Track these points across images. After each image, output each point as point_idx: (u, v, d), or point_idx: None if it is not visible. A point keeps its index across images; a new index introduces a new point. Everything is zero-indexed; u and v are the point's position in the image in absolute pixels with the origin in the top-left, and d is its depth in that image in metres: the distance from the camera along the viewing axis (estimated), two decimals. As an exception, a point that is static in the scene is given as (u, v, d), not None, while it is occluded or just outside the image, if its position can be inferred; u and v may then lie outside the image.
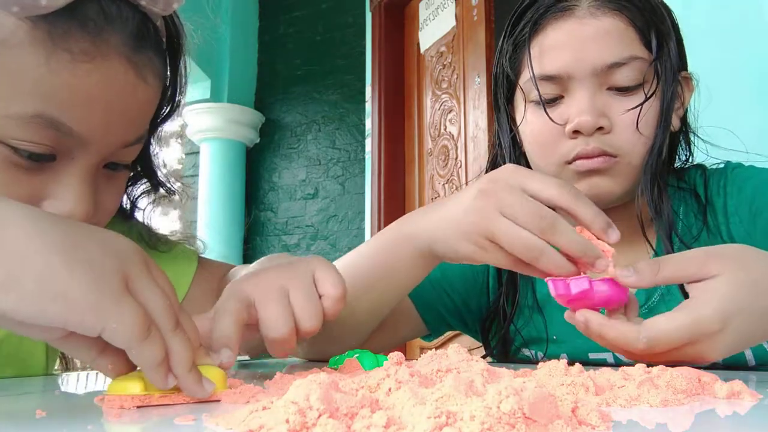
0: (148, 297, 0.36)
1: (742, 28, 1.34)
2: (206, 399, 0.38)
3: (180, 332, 0.37)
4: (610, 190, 0.68)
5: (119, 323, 0.33)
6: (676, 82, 0.70)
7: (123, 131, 0.52)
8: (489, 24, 2.41)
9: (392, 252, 0.64)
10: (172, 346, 0.37)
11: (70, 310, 0.32)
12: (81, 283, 0.33)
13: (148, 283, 0.37)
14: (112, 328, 0.33)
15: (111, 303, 0.33)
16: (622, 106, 0.67)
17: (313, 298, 0.50)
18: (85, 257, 0.34)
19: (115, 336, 0.34)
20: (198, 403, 0.38)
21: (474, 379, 0.30)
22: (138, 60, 0.51)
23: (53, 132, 0.47)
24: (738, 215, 0.70)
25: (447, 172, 2.65)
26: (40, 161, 0.49)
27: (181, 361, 0.37)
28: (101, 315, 0.33)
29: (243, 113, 3.68)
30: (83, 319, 0.33)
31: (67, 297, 0.32)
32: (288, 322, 0.48)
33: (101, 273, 0.34)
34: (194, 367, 0.38)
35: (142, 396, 0.37)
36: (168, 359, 0.36)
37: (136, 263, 0.37)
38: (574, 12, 0.68)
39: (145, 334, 0.34)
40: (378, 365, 0.49)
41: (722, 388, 0.38)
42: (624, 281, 0.48)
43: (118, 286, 0.35)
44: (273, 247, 3.65)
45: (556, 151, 0.69)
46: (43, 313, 0.32)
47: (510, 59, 0.75)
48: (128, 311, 0.34)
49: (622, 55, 0.66)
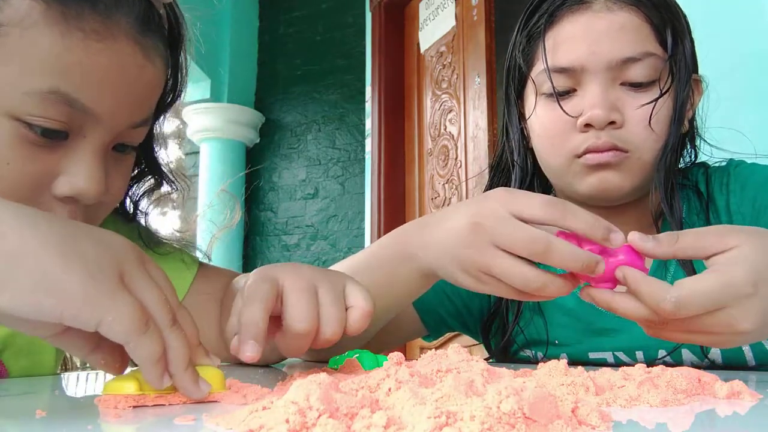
0: (144, 292, 0.36)
1: (742, 29, 1.34)
2: (203, 400, 0.38)
3: (177, 329, 0.37)
4: (620, 185, 0.68)
5: (115, 316, 0.33)
6: (689, 81, 0.70)
7: (132, 110, 0.54)
8: (489, 24, 2.41)
9: (392, 271, 0.62)
10: (169, 342, 0.36)
11: (65, 304, 0.32)
12: (76, 278, 0.33)
13: (144, 279, 0.37)
14: (108, 322, 0.33)
15: (106, 296, 0.34)
16: (634, 102, 0.67)
17: (340, 304, 0.48)
18: (80, 253, 0.34)
19: (112, 329, 0.33)
20: (195, 403, 0.38)
21: (474, 379, 0.30)
22: (145, 43, 0.53)
23: (67, 108, 0.49)
24: (741, 213, 0.70)
25: (447, 172, 2.65)
26: (54, 138, 0.50)
27: (177, 358, 0.36)
28: (97, 308, 0.33)
29: (243, 113, 3.68)
30: (79, 312, 0.33)
31: (62, 291, 0.32)
32: (314, 317, 0.46)
33: (96, 268, 0.34)
34: (191, 366, 0.37)
35: (138, 396, 0.37)
36: (165, 357, 0.36)
37: (132, 259, 0.37)
38: (591, 6, 0.68)
39: (143, 328, 0.34)
40: (378, 365, 0.49)
41: (722, 388, 0.38)
42: (641, 245, 0.47)
43: (114, 280, 0.35)
44: (273, 247, 3.65)
45: (566, 144, 0.69)
46: (39, 308, 0.32)
47: (523, 51, 0.75)
48: (124, 304, 0.34)
49: (637, 50, 0.66)
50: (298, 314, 0.45)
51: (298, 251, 3.56)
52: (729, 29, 1.34)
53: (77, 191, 0.52)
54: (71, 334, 0.36)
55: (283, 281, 0.47)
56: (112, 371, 0.39)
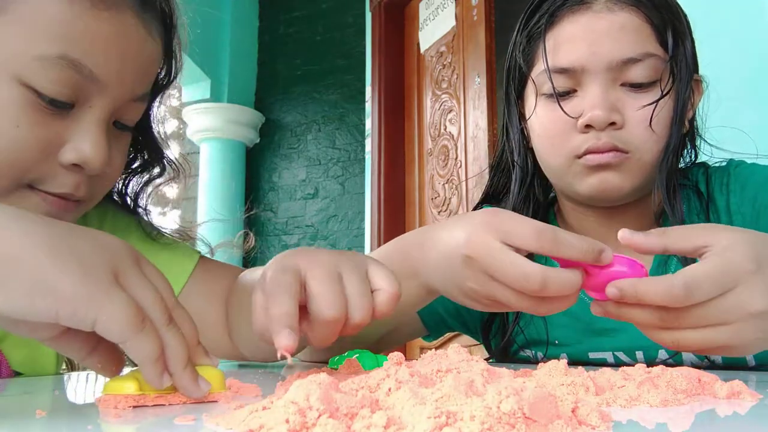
0: (139, 291, 0.36)
1: (742, 29, 1.34)
2: (202, 400, 0.38)
3: (174, 327, 0.37)
4: (619, 186, 0.68)
5: (111, 314, 0.33)
6: (690, 82, 0.70)
7: (134, 81, 0.57)
8: (489, 24, 2.41)
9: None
10: (167, 340, 0.36)
11: (60, 303, 0.32)
12: (70, 278, 0.33)
13: (139, 278, 0.37)
14: (103, 320, 0.33)
15: (101, 295, 0.33)
16: (635, 103, 0.67)
17: (366, 287, 0.46)
18: (74, 253, 0.34)
19: (107, 328, 0.33)
20: (194, 403, 0.38)
21: (474, 379, 0.30)
22: (145, 17, 0.57)
23: (75, 74, 0.52)
24: (741, 213, 0.70)
25: (447, 172, 2.65)
26: (61, 108, 0.53)
27: (175, 356, 0.36)
28: (92, 306, 0.33)
29: (243, 113, 3.68)
30: (75, 311, 0.33)
31: (57, 291, 0.32)
32: (342, 303, 0.44)
33: (90, 267, 0.34)
34: (190, 365, 0.37)
35: (137, 396, 0.36)
36: (164, 357, 0.36)
37: (126, 258, 0.37)
38: (591, 6, 0.68)
39: (140, 326, 0.34)
40: (378, 365, 0.49)
41: (722, 388, 0.38)
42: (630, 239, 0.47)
43: (108, 279, 0.35)
44: (273, 247, 3.65)
45: (566, 145, 0.69)
46: (34, 308, 0.32)
47: (523, 52, 0.75)
48: (119, 302, 0.34)
49: (638, 51, 0.66)
50: (326, 302, 0.44)
51: (298, 251, 3.56)
52: (729, 29, 1.34)
53: (83, 158, 0.54)
54: (69, 336, 0.36)
55: (305, 270, 0.45)
56: (108, 374, 0.39)
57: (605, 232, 0.75)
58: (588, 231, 0.75)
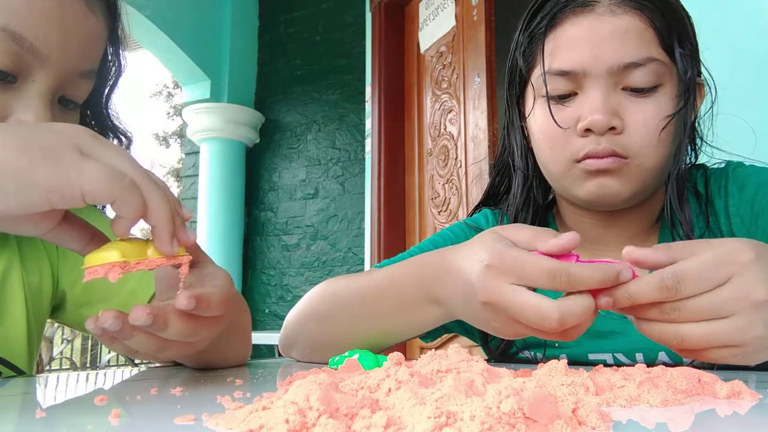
0: (107, 156, 0.40)
1: (742, 29, 1.34)
2: (175, 261, 0.42)
3: (154, 183, 0.41)
4: (618, 191, 0.67)
5: (91, 178, 0.37)
6: (694, 87, 0.69)
7: (77, 56, 0.59)
8: (489, 24, 2.41)
9: (416, 314, 0.61)
10: (148, 195, 0.40)
11: (46, 189, 0.37)
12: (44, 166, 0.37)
13: (103, 146, 0.41)
14: (88, 188, 0.37)
15: (74, 168, 0.37)
16: (635, 108, 0.66)
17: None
18: (38, 145, 0.38)
19: (95, 190, 0.37)
20: (170, 263, 0.41)
21: (474, 379, 0.30)
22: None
23: (15, 47, 0.53)
24: (739, 215, 0.70)
25: (447, 172, 2.65)
26: (3, 81, 0.54)
27: (159, 209, 0.40)
28: (73, 181, 0.37)
29: (243, 113, 3.68)
30: (61, 192, 0.37)
31: (38, 181, 0.37)
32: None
33: (58, 151, 0.38)
34: (171, 221, 0.41)
35: (121, 263, 0.39)
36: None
37: (85, 136, 0.41)
38: (594, 8, 0.67)
39: (122, 180, 0.38)
40: (378, 365, 0.49)
41: (722, 388, 0.38)
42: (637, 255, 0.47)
43: (75, 154, 0.38)
44: (273, 247, 3.65)
45: (566, 148, 0.68)
46: (28, 202, 0.37)
47: (524, 53, 0.74)
48: (95, 167, 0.38)
49: (640, 55, 0.65)
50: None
51: (298, 251, 3.56)
52: (729, 29, 1.34)
53: None
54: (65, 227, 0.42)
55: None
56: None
57: (604, 234, 0.75)
58: (586, 233, 0.75)
